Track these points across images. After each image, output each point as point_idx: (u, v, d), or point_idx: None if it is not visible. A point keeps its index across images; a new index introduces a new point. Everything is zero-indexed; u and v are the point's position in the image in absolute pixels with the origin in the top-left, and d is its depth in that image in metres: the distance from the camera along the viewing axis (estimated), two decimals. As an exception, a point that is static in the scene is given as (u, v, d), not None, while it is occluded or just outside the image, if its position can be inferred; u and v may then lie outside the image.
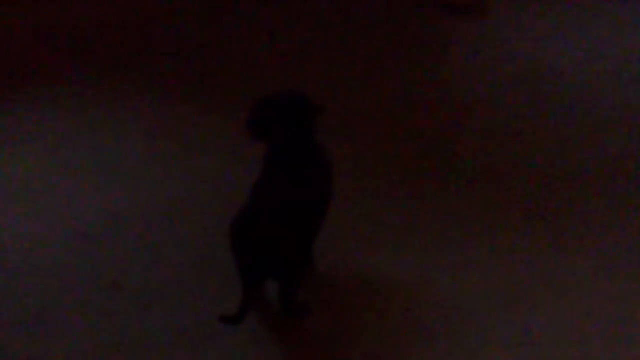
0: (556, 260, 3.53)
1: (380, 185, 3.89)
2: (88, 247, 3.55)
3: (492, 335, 3.21)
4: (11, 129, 4.14)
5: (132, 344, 3.16)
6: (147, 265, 3.48)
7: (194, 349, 3.14)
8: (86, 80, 4.45)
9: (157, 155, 4.02)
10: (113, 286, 3.38)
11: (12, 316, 3.26)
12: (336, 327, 3.23)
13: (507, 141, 4.16)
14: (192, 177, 3.91)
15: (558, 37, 4.85)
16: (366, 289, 3.39)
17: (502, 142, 4.15)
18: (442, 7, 5.11)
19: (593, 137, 4.19)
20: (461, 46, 4.76)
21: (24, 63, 4.52)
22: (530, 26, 4.93)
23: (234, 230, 3.13)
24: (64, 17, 4.83)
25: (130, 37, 4.71)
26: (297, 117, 3.22)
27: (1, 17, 4.79)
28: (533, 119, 4.31)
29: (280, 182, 3.19)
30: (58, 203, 3.75)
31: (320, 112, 3.26)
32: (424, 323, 3.26)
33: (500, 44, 4.78)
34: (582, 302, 3.35)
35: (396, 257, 3.53)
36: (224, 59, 4.60)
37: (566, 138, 4.18)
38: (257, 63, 4.57)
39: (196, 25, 4.81)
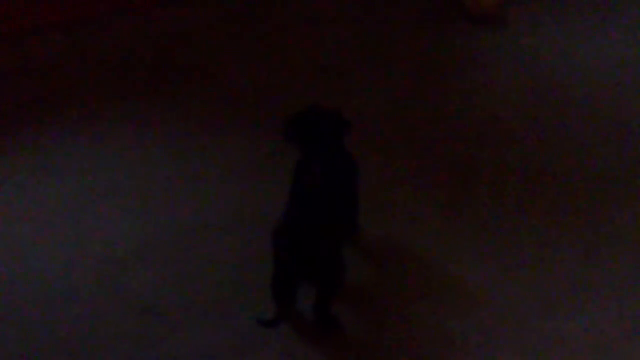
0: (590, 268, 3.52)
1: (413, 194, 3.89)
2: (119, 271, 3.58)
3: (528, 342, 3.21)
4: (40, 155, 4.17)
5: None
6: (177, 289, 3.50)
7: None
8: (110, 107, 4.46)
9: (183, 178, 4.04)
10: (144, 311, 3.40)
11: (45, 343, 3.28)
12: (375, 335, 3.25)
13: (533, 148, 4.14)
14: (218, 200, 3.92)
15: (576, 44, 4.83)
16: (398, 299, 3.40)
17: (528, 149, 4.14)
18: (462, 19, 5.11)
19: (619, 142, 4.17)
20: (482, 55, 4.76)
21: (50, 89, 4.55)
22: (550, 33, 4.92)
23: (278, 237, 3.25)
24: (87, 43, 4.86)
25: (152, 62, 4.73)
26: (329, 128, 3.50)
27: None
28: (556, 125, 4.29)
29: (316, 187, 3.36)
30: (88, 228, 3.79)
31: (349, 127, 3.55)
32: (457, 331, 3.26)
33: (521, 52, 4.77)
34: (616, 308, 3.34)
35: (427, 265, 3.53)
36: (246, 80, 4.61)
37: (592, 144, 4.16)
38: (282, 81, 4.58)
39: (217, 48, 4.84)
